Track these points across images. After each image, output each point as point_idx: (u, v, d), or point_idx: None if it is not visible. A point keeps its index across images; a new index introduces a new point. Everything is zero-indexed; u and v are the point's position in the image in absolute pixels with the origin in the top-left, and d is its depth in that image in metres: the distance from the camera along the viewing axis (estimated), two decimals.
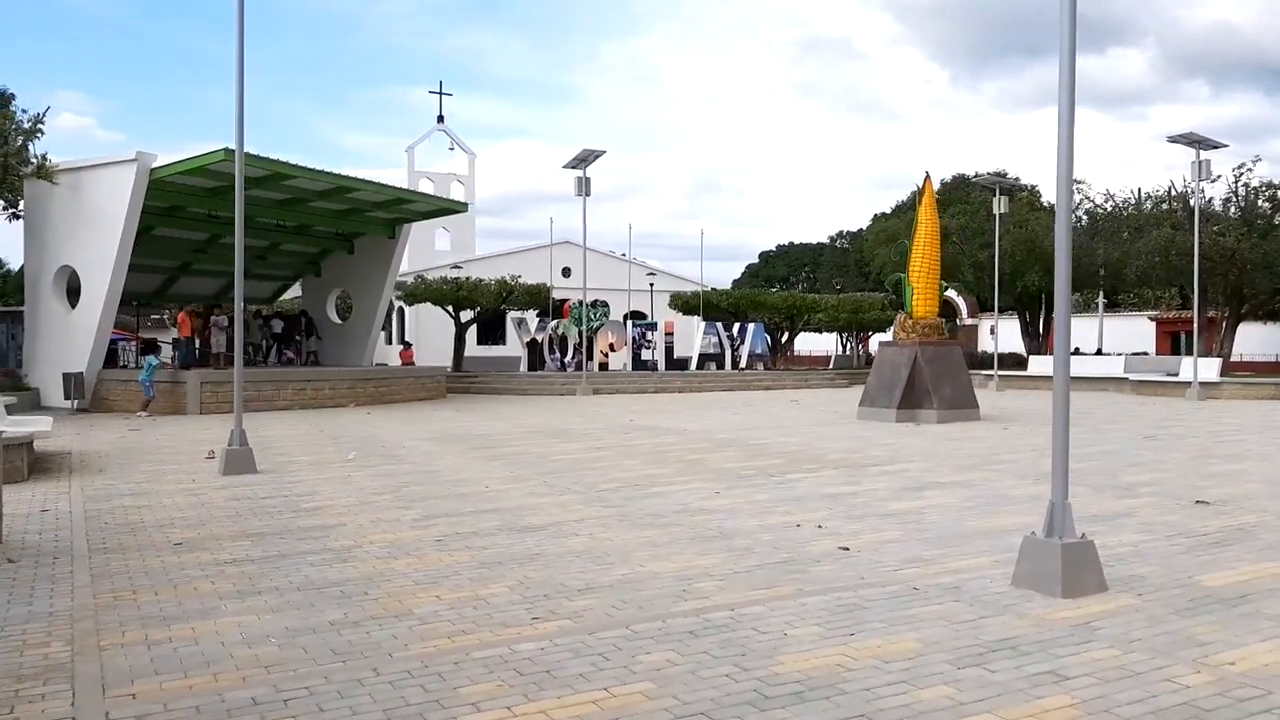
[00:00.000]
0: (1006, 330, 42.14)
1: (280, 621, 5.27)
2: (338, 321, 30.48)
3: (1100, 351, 40.49)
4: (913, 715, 3.92)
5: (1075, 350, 39.15)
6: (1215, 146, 25.63)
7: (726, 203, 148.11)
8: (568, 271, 42.38)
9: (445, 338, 36.46)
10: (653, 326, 35.34)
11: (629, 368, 33.67)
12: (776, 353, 40.13)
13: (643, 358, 33.95)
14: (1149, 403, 24.43)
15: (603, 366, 33.57)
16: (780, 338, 41.46)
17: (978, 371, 31.29)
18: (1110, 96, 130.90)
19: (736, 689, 4.20)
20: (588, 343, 31.37)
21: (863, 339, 48.47)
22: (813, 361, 50.55)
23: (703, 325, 36.12)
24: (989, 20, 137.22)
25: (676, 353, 35.78)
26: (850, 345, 51.27)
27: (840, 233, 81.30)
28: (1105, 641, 4.84)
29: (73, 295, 22.26)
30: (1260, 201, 33.89)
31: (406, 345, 36.83)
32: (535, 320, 35.12)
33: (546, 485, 10.27)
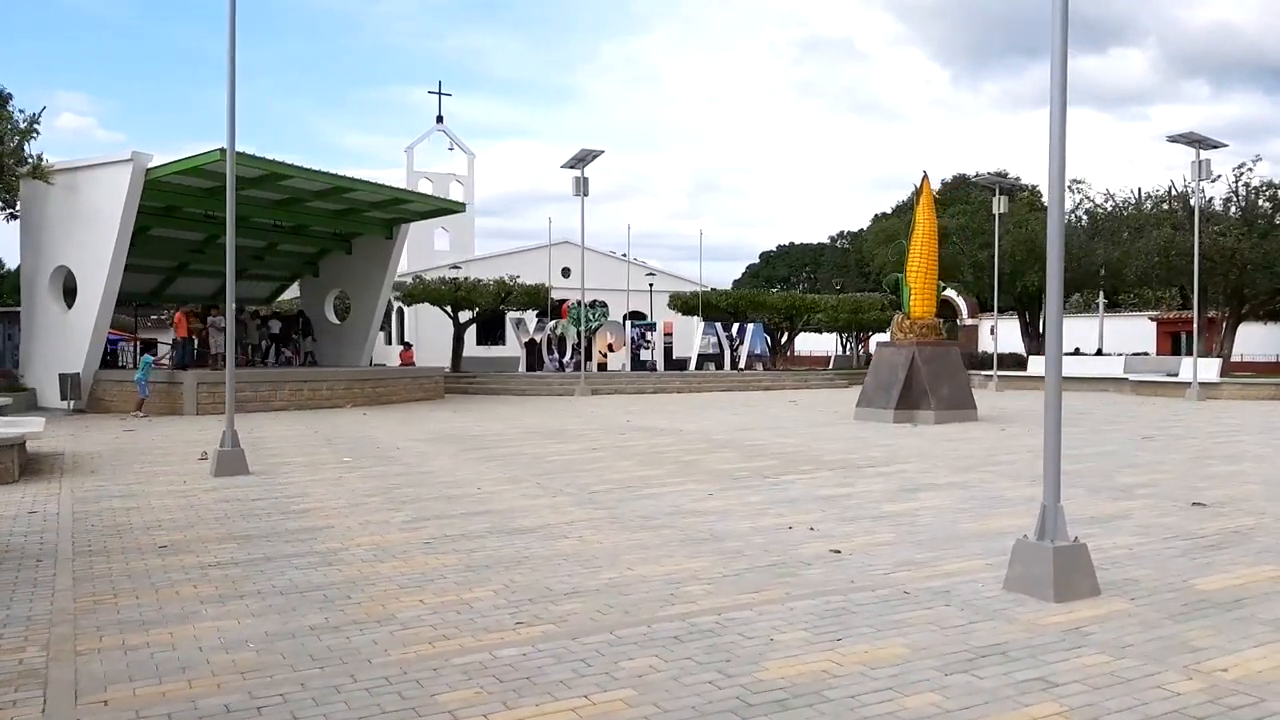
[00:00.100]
0: (1006, 330, 42.06)
1: (260, 626, 5.21)
2: (336, 322, 30.42)
3: (1100, 352, 40.40)
4: None
5: (1075, 350, 39.14)
6: (1215, 146, 25.57)
7: (726, 203, 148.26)
8: (567, 272, 42.29)
9: (444, 338, 36.40)
10: (652, 327, 35.25)
11: (628, 368, 33.58)
12: (776, 353, 40.03)
13: (641, 358, 33.86)
14: (1148, 403, 24.33)
15: (601, 367, 33.49)
16: (780, 338, 41.38)
17: (977, 372, 31.23)
18: (1111, 96, 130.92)
19: (719, 696, 4.13)
20: (586, 343, 31.30)
21: (862, 339, 48.36)
22: (812, 362, 50.47)
23: (702, 325, 36.04)
24: (990, 20, 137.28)
25: (675, 353, 35.65)
26: (850, 346, 51.20)
27: (841, 233, 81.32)
28: (1096, 647, 4.77)
29: (69, 296, 22.21)
30: (1261, 201, 33.79)
31: (407, 346, 36.72)
32: (534, 320, 35.05)
33: (540, 487, 10.20)
